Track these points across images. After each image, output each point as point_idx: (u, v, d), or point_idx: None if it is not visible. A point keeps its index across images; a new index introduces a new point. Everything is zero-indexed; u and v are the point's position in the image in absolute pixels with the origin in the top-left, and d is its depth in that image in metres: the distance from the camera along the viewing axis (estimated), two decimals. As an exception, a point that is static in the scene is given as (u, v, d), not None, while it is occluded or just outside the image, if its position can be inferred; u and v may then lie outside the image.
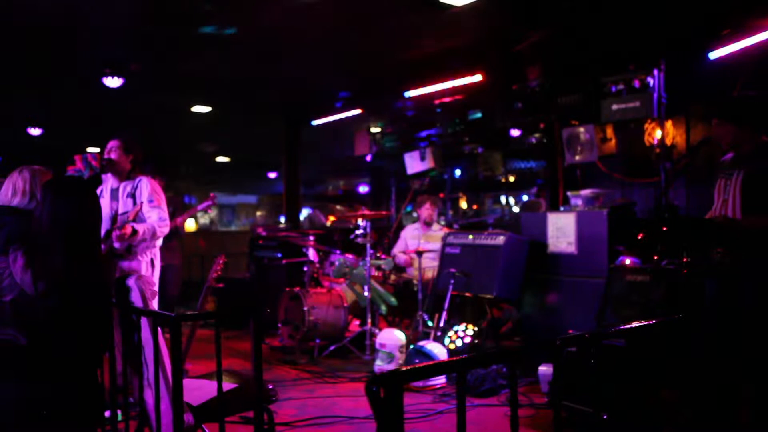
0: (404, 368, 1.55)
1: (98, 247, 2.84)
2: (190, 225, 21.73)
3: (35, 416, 2.50)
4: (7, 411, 2.50)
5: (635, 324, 2.14)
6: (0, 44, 6.87)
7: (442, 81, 7.47)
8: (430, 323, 5.89)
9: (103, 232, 4.17)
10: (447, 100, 7.88)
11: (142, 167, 4.43)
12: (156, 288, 4.07)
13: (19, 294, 2.53)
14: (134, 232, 4.00)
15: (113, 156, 4.28)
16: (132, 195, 4.26)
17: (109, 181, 4.38)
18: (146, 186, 4.28)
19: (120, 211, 4.26)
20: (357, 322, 6.70)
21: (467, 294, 5.65)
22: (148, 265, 4.27)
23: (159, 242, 4.35)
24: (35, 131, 11.48)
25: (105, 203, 4.28)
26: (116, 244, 4.10)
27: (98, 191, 4.35)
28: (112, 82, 7.59)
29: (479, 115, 7.80)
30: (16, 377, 2.54)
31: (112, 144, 4.33)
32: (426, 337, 5.55)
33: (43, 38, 6.75)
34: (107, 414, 3.19)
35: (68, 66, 7.77)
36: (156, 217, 4.21)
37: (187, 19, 6.32)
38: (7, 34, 6.61)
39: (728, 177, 3.69)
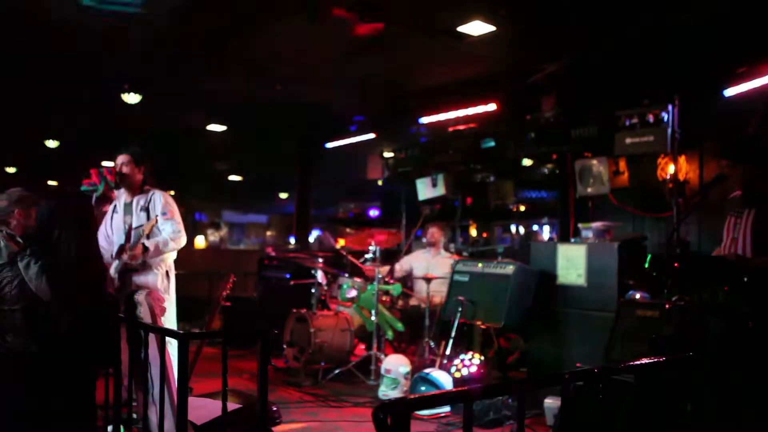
0: (412, 396, 1.55)
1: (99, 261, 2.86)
2: (199, 242, 21.81)
3: (38, 425, 2.50)
4: (18, 418, 2.51)
5: (645, 360, 2.13)
6: (21, 59, 7.00)
7: (457, 108, 7.50)
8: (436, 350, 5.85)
9: (116, 247, 4.21)
10: (461, 127, 7.91)
11: (153, 179, 4.46)
12: (166, 304, 4.09)
13: (28, 303, 2.55)
14: (145, 249, 4.06)
15: (125, 170, 4.31)
16: (146, 209, 4.28)
17: (122, 196, 4.40)
18: (159, 199, 4.30)
19: (134, 224, 4.27)
20: (362, 346, 6.66)
21: (475, 322, 5.62)
22: (164, 277, 4.28)
23: (174, 255, 4.36)
24: (52, 144, 11.63)
25: (118, 218, 4.33)
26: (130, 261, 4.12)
27: (111, 207, 4.39)
28: (131, 98, 7.70)
29: (492, 143, 7.81)
30: (25, 386, 2.55)
31: (122, 159, 4.34)
32: (432, 364, 5.51)
33: (64, 54, 6.87)
34: (110, 429, 3.19)
35: (88, 81, 7.88)
36: (170, 229, 4.24)
37: (206, 40, 6.42)
38: (29, 50, 6.73)
39: (739, 215, 3.64)
